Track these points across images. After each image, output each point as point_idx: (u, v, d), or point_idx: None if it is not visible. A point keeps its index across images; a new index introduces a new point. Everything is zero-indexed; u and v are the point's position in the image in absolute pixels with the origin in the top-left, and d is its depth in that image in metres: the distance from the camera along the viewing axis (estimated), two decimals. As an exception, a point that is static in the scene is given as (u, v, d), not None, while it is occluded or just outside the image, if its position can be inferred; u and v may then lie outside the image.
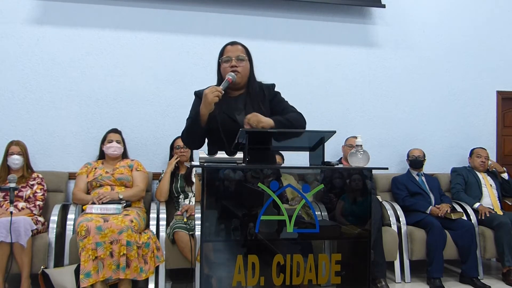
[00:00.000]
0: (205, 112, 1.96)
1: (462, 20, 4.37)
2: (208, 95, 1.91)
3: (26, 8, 3.57)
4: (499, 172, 3.92)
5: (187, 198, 3.33)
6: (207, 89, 1.94)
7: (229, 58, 2.06)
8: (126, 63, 3.71)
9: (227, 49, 2.09)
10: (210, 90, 1.92)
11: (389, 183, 3.88)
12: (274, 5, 3.98)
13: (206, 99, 1.92)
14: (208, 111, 1.95)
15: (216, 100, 1.92)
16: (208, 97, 1.91)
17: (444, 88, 4.31)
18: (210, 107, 1.94)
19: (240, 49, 2.09)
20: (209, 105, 1.93)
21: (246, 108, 2.07)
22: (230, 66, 2.04)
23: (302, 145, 2.12)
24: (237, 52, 2.07)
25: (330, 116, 4.06)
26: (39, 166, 3.45)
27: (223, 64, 2.08)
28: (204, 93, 1.94)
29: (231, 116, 2.04)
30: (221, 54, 2.12)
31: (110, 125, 3.54)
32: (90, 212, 2.85)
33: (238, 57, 2.06)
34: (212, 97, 1.91)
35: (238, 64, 2.05)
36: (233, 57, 2.06)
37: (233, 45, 2.10)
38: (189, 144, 2.07)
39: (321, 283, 1.85)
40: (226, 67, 2.06)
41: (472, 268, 3.33)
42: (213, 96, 1.91)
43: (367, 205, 1.99)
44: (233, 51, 2.07)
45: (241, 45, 2.12)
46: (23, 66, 3.55)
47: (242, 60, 2.07)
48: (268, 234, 1.82)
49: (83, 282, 2.58)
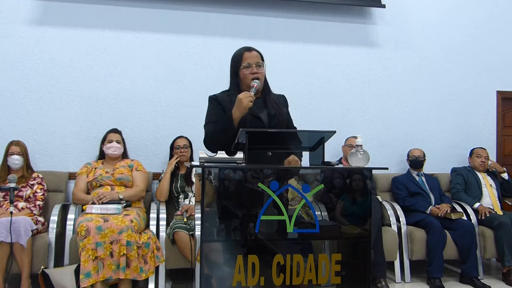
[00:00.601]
0: (238, 116, 2.04)
1: (462, 20, 4.37)
2: (244, 100, 2.00)
3: (26, 8, 3.57)
4: (499, 172, 3.92)
5: (187, 198, 3.33)
6: (241, 95, 2.02)
7: (249, 64, 2.14)
8: (126, 63, 3.71)
9: (246, 55, 2.17)
10: (245, 96, 2.01)
11: (389, 183, 3.88)
12: (274, 5, 3.98)
13: (242, 104, 2.01)
14: (241, 114, 2.04)
15: (250, 105, 2.02)
16: (243, 102, 2.00)
17: (444, 88, 4.31)
18: (244, 111, 2.03)
19: (257, 55, 2.18)
20: (244, 109, 2.02)
21: (267, 107, 2.18)
22: (251, 72, 2.13)
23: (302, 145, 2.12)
24: (255, 59, 2.16)
25: (330, 116, 4.06)
26: (39, 166, 3.45)
27: (243, 70, 2.15)
28: (238, 98, 2.02)
29: (255, 115, 2.13)
30: (239, 60, 2.18)
31: (110, 125, 3.54)
32: (90, 212, 2.85)
33: (257, 63, 2.15)
34: (247, 102, 2.00)
35: (258, 71, 2.14)
36: (253, 63, 2.14)
37: (250, 51, 2.18)
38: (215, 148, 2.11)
39: (321, 283, 1.85)
40: (246, 73, 2.14)
41: (472, 268, 3.33)
42: (248, 101, 2.00)
43: (367, 205, 1.99)
44: (252, 58, 2.16)
45: (256, 51, 2.20)
46: (23, 66, 3.55)
47: (260, 67, 2.16)
48: (268, 234, 1.82)
49: (83, 282, 2.58)
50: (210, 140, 2.15)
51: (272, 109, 2.18)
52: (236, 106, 2.03)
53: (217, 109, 2.18)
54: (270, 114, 2.17)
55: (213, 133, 2.14)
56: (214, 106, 2.21)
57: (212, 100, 2.24)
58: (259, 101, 2.18)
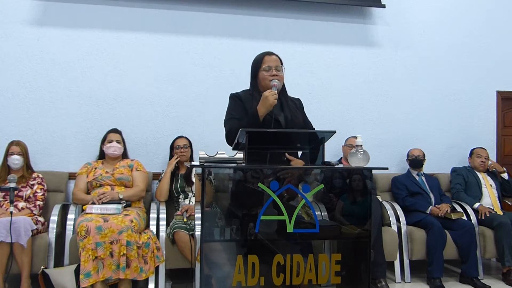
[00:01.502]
0: (263, 113, 2.13)
1: (462, 20, 4.37)
2: (269, 97, 2.09)
3: (26, 8, 3.57)
4: (499, 172, 3.92)
5: (187, 198, 3.33)
6: (267, 92, 2.11)
7: (269, 67, 2.25)
8: (126, 63, 3.71)
9: (266, 59, 2.28)
10: (270, 93, 2.10)
11: (389, 183, 3.88)
12: (274, 5, 3.98)
13: (268, 101, 2.09)
14: (266, 111, 2.13)
15: (275, 102, 2.11)
16: (269, 99, 2.09)
17: (444, 88, 4.31)
18: (269, 108, 2.12)
19: (277, 59, 2.30)
20: (270, 106, 2.11)
21: (284, 110, 2.28)
22: (271, 75, 2.24)
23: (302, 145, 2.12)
24: (275, 63, 2.27)
25: (330, 116, 4.06)
26: (39, 166, 3.45)
27: (263, 72, 2.26)
28: (264, 95, 2.11)
29: (274, 118, 2.20)
30: (260, 63, 2.29)
31: (110, 125, 3.54)
32: (90, 212, 2.85)
33: (277, 67, 2.26)
34: (272, 100, 2.09)
35: (278, 74, 2.25)
36: (273, 66, 2.25)
37: (271, 56, 2.30)
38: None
39: (321, 283, 1.85)
40: (266, 75, 2.25)
41: (472, 268, 3.33)
42: (274, 98, 2.10)
43: (367, 205, 1.99)
44: (272, 61, 2.27)
45: (276, 55, 2.32)
46: (23, 66, 3.55)
47: (279, 71, 2.27)
48: (268, 234, 1.82)
49: (83, 282, 2.58)
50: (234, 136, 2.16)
51: (288, 113, 2.27)
52: (262, 103, 2.11)
53: (239, 107, 2.27)
54: (287, 117, 2.26)
55: (237, 128, 2.16)
56: (237, 103, 2.30)
57: (235, 97, 2.33)
58: (277, 105, 2.24)
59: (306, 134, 2.14)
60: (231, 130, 2.21)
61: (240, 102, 2.28)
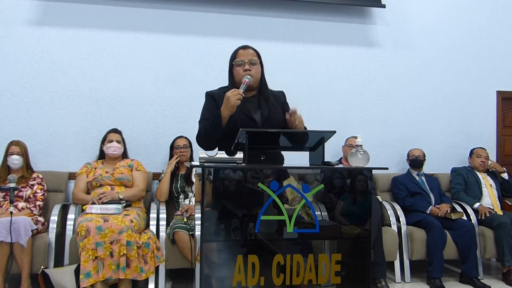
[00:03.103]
0: (226, 114, 2.02)
1: (462, 20, 4.37)
2: (231, 98, 1.98)
3: (26, 8, 3.57)
4: (499, 172, 3.92)
5: (187, 198, 3.33)
6: (229, 93, 2.00)
7: (241, 61, 2.12)
8: (126, 63, 3.71)
9: (240, 53, 2.15)
10: (233, 94, 1.99)
11: (389, 183, 3.88)
12: (274, 5, 3.98)
13: (229, 102, 1.98)
14: (230, 113, 2.02)
15: (238, 103, 1.99)
16: (231, 100, 1.98)
17: (444, 88, 4.31)
18: (232, 110, 2.00)
19: (252, 53, 2.15)
20: (232, 108, 1.99)
21: (261, 108, 2.15)
22: (244, 69, 2.11)
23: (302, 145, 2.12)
24: (249, 56, 2.13)
25: (330, 116, 4.06)
26: (39, 166, 3.45)
27: (236, 67, 2.13)
28: (226, 96, 2.00)
29: (249, 115, 2.11)
30: (233, 58, 2.16)
31: (110, 125, 3.54)
32: (90, 212, 2.85)
33: (250, 60, 2.12)
34: (235, 100, 1.98)
35: (251, 68, 2.11)
36: (246, 60, 2.11)
37: (245, 49, 2.16)
38: (206, 146, 2.11)
39: (321, 283, 1.85)
40: (239, 70, 2.12)
41: (472, 268, 3.33)
42: (236, 99, 1.98)
43: (367, 205, 1.99)
44: (246, 55, 2.13)
45: (252, 49, 2.17)
46: (23, 66, 3.55)
47: (254, 64, 2.13)
48: (268, 234, 1.82)
49: (83, 282, 2.58)
50: (201, 137, 2.15)
51: (266, 110, 2.14)
52: (224, 104, 2.01)
53: (211, 106, 2.15)
54: (263, 115, 2.14)
55: (203, 130, 2.13)
56: (209, 102, 2.19)
57: (208, 96, 2.22)
58: (253, 101, 2.16)
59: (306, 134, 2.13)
60: (199, 132, 2.15)
61: (213, 101, 2.16)
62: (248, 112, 2.11)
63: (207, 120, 2.13)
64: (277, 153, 2.21)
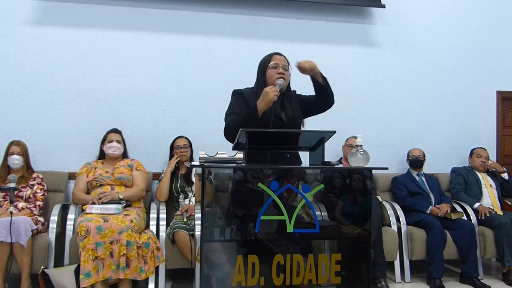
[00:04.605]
0: (263, 108, 2.13)
1: (462, 20, 4.37)
2: (270, 93, 2.10)
3: (26, 8, 3.57)
4: (499, 172, 3.92)
5: (187, 198, 3.33)
6: (267, 88, 2.13)
7: (277, 65, 2.27)
8: (126, 63, 3.71)
9: (275, 57, 2.31)
10: (271, 89, 2.11)
11: (389, 183, 3.88)
12: (274, 5, 3.98)
13: (267, 97, 2.10)
14: (266, 107, 2.12)
15: (275, 99, 2.11)
16: (269, 95, 2.10)
17: (444, 88, 4.31)
18: (269, 104, 2.12)
19: (285, 60, 2.32)
20: (269, 102, 2.11)
21: (285, 109, 2.30)
22: (278, 72, 2.26)
23: (302, 145, 2.12)
24: (283, 62, 2.30)
25: (330, 116, 4.03)
26: (39, 166, 3.45)
27: (270, 69, 2.28)
28: (264, 91, 2.12)
29: (277, 115, 2.22)
30: (267, 61, 2.31)
31: (110, 125, 3.54)
32: (90, 212, 2.85)
33: (284, 66, 2.28)
34: (272, 95, 2.10)
35: (285, 73, 2.27)
36: (280, 65, 2.27)
37: (279, 55, 2.33)
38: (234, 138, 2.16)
39: (321, 283, 1.85)
40: (273, 73, 2.26)
41: (472, 268, 3.33)
42: (274, 94, 2.10)
43: (367, 205, 1.99)
44: (280, 60, 2.30)
45: (284, 56, 2.34)
46: (23, 66, 3.55)
47: (286, 70, 2.29)
48: (268, 234, 1.82)
49: (83, 282, 2.58)
50: (233, 128, 2.18)
51: (289, 111, 2.28)
52: (262, 98, 2.12)
53: (240, 103, 2.28)
54: (288, 116, 2.27)
55: (235, 122, 2.19)
56: (238, 99, 2.31)
57: (237, 93, 2.34)
58: (278, 102, 2.25)
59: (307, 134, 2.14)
60: (229, 125, 2.24)
61: (242, 98, 2.29)
62: (277, 112, 2.23)
63: (236, 114, 2.24)
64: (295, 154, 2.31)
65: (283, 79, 2.21)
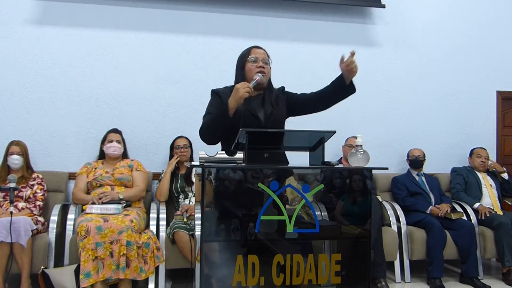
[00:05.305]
0: (233, 106, 2.02)
1: (462, 20, 4.37)
2: (240, 89, 1.99)
3: (26, 8, 3.57)
4: (499, 172, 3.92)
5: (187, 198, 3.33)
6: (239, 84, 2.02)
7: (256, 58, 2.16)
8: (126, 63, 3.71)
9: (254, 50, 2.20)
10: (242, 86, 2.00)
11: (389, 183, 3.88)
12: (274, 5, 3.98)
13: (238, 93, 1.99)
14: (237, 104, 2.02)
15: (246, 96, 2.00)
16: (239, 91, 1.98)
17: (444, 88, 4.31)
18: (240, 101, 2.01)
19: (265, 53, 2.21)
20: (239, 99, 1.99)
21: (265, 106, 2.17)
22: (257, 66, 2.15)
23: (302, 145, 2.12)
24: (263, 55, 2.18)
25: (330, 116, 4.03)
26: (39, 166, 3.45)
27: (250, 63, 2.18)
28: (235, 87, 2.01)
29: (253, 113, 2.13)
30: (247, 54, 2.20)
31: (110, 125, 3.54)
32: (90, 212, 2.85)
33: (264, 59, 2.17)
34: (243, 92, 1.98)
35: (265, 66, 2.16)
36: (260, 59, 2.16)
37: (259, 48, 2.22)
38: (209, 138, 2.14)
39: (321, 283, 1.85)
40: (253, 67, 2.16)
41: (472, 268, 3.33)
42: (245, 91, 1.99)
43: (367, 205, 1.99)
44: (260, 54, 2.19)
45: (264, 50, 2.23)
46: (23, 66, 3.55)
47: (267, 64, 2.18)
48: (268, 234, 1.82)
49: (83, 282, 2.58)
50: (205, 129, 2.16)
51: (269, 107, 2.17)
52: (232, 95, 2.02)
53: (216, 102, 2.19)
54: (266, 112, 2.17)
55: (209, 122, 2.15)
56: (215, 98, 2.24)
57: (214, 93, 2.27)
58: (258, 99, 2.19)
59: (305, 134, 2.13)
60: (203, 126, 2.17)
61: (218, 98, 2.20)
62: (253, 110, 2.14)
63: (211, 115, 2.16)
64: (281, 154, 2.22)
65: (261, 75, 2.11)
